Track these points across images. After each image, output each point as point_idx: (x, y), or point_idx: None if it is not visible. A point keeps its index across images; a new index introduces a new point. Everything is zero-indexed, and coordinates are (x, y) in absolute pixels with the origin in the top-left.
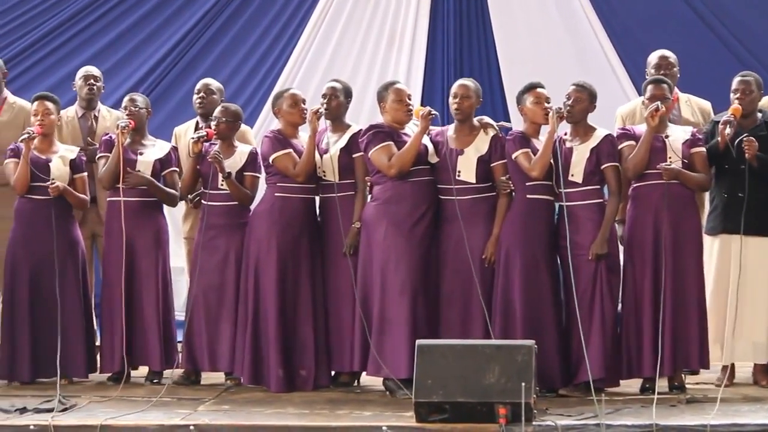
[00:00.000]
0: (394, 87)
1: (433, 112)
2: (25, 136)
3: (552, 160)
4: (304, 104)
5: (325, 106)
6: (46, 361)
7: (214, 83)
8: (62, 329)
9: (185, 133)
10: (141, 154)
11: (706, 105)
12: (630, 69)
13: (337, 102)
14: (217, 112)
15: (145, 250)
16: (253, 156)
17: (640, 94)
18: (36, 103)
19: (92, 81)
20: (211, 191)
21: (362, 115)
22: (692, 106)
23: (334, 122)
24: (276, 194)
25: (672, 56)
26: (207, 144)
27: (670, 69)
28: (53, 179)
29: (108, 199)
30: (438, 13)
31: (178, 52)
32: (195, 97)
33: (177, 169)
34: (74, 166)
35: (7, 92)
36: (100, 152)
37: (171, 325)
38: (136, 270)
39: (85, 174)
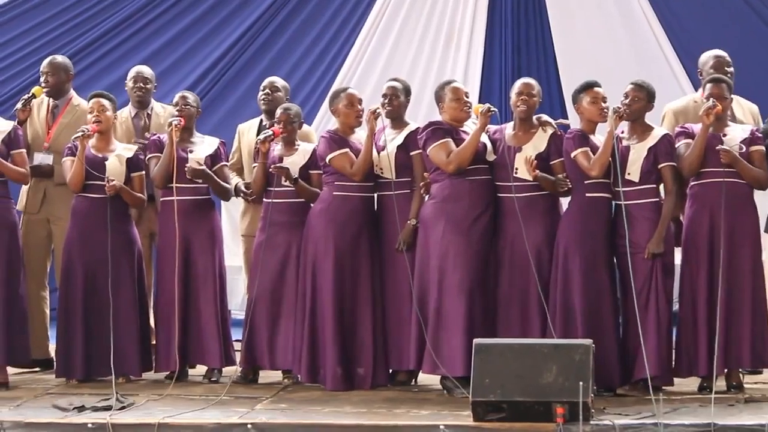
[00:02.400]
0: (451, 86)
1: (493, 108)
2: (80, 134)
3: (610, 159)
4: (361, 105)
5: (386, 105)
6: (100, 359)
7: (280, 81)
8: (116, 328)
9: (248, 130)
10: (191, 151)
11: (755, 108)
12: (688, 67)
13: (398, 102)
14: (279, 112)
15: (200, 248)
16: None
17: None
18: (92, 101)
19: (141, 83)
20: (273, 188)
21: (420, 113)
22: (742, 107)
23: (393, 121)
24: (334, 193)
25: (726, 56)
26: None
27: (725, 68)
28: (110, 177)
29: (161, 198)
30: (495, 11)
31: (236, 51)
32: (260, 94)
33: (227, 164)
34: (131, 164)
35: (72, 93)
36: (149, 153)
37: (227, 323)
38: (192, 268)
39: (143, 172)
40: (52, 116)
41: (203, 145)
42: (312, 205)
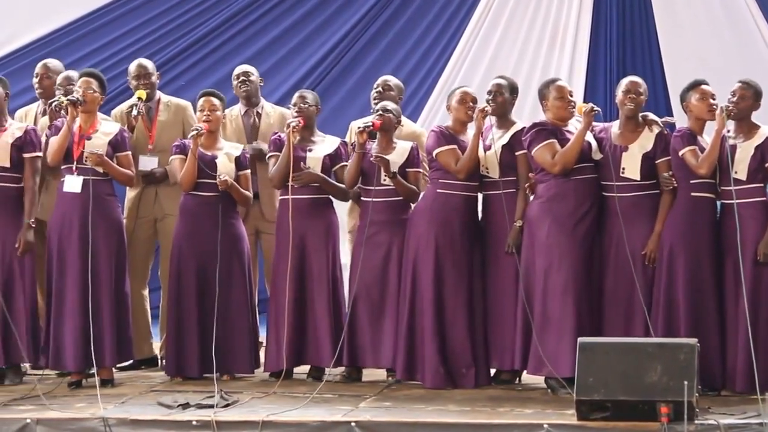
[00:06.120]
0: (555, 84)
1: (596, 108)
2: (194, 132)
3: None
4: (474, 103)
5: (491, 102)
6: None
7: (393, 80)
8: (228, 325)
9: None
10: (310, 150)
11: None
12: None
13: (503, 98)
14: (379, 107)
15: (316, 247)
16: (414, 152)
17: None
18: (202, 99)
19: (243, 77)
20: (373, 187)
21: (524, 113)
22: None
23: (499, 119)
24: (438, 191)
25: None
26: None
27: None
28: (221, 174)
29: (279, 197)
30: (601, 10)
31: (341, 50)
32: (373, 92)
33: (347, 164)
34: (238, 163)
35: (159, 93)
36: (269, 152)
37: (341, 322)
38: (307, 267)
39: (249, 171)
40: (148, 118)
41: (323, 144)
42: (411, 204)
